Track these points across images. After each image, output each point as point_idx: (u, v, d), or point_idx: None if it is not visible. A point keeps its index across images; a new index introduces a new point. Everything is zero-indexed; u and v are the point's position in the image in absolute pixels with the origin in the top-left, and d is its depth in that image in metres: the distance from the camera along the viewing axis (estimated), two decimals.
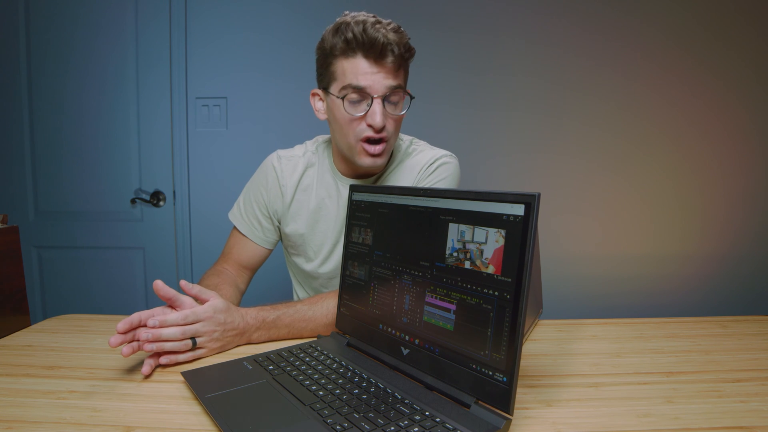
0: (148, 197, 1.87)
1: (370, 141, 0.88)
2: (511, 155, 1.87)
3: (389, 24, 0.84)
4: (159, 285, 0.71)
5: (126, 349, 0.68)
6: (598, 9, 1.81)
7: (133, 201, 1.87)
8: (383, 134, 0.87)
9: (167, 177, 1.87)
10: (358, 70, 0.84)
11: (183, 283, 0.75)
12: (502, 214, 0.56)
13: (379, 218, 0.75)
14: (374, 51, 0.82)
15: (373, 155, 0.89)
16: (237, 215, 1.06)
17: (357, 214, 0.79)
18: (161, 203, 1.88)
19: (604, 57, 1.82)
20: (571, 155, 1.87)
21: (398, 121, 0.90)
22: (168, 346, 0.70)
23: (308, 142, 1.06)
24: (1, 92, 1.84)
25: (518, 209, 0.54)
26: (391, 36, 0.82)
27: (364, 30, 0.81)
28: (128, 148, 1.87)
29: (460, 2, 1.81)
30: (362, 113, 0.86)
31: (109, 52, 1.82)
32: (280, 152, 1.05)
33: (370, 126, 0.86)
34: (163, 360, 0.71)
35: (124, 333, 0.68)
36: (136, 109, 1.85)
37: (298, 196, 1.01)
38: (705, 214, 1.89)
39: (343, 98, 0.86)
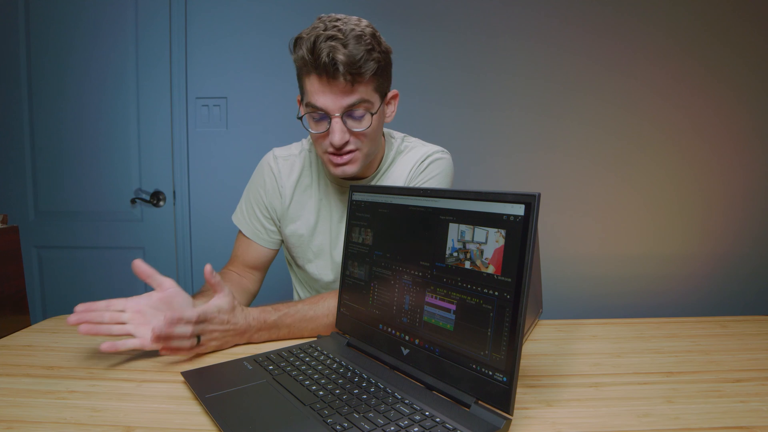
0: (148, 197, 1.87)
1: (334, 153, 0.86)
2: (511, 155, 1.87)
3: (350, 32, 0.77)
4: (138, 263, 0.75)
5: (83, 327, 0.70)
6: (598, 9, 1.81)
7: (133, 201, 1.87)
8: (348, 148, 0.85)
9: (167, 177, 1.87)
10: (314, 88, 0.81)
11: (208, 268, 0.75)
12: (502, 214, 0.56)
13: (379, 218, 0.75)
14: (323, 70, 0.78)
15: (338, 165, 0.87)
16: (241, 219, 1.05)
17: (357, 214, 0.79)
18: (161, 203, 1.88)
19: (604, 57, 1.82)
20: (571, 155, 1.87)
21: (367, 134, 0.85)
22: (175, 344, 0.71)
23: (305, 141, 1.05)
24: (1, 92, 1.84)
25: (518, 209, 0.54)
26: (340, 54, 0.76)
27: (312, 48, 0.77)
28: (128, 148, 1.86)
29: (459, 2, 1.81)
30: (324, 131, 0.84)
31: (109, 52, 1.82)
32: (276, 151, 1.03)
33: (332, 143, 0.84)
34: (164, 352, 0.71)
35: (83, 312, 0.71)
36: (136, 109, 1.85)
37: (296, 197, 1.00)
38: (705, 214, 1.89)
39: (305, 116, 0.85)
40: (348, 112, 0.82)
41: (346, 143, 0.84)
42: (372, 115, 0.84)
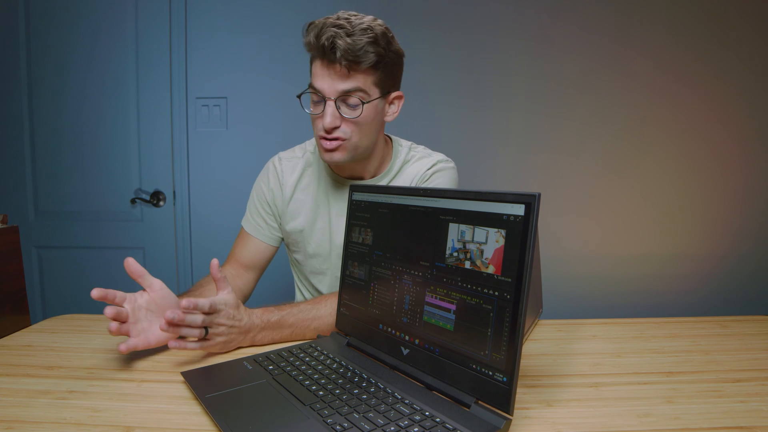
0: (148, 197, 1.87)
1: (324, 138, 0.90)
2: (511, 155, 1.87)
3: (358, 24, 0.82)
4: (131, 262, 0.74)
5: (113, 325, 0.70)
6: (598, 9, 1.81)
7: (133, 201, 1.87)
8: (336, 135, 0.88)
9: (167, 177, 1.87)
10: (316, 71, 0.86)
11: (215, 262, 0.76)
12: (503, 214, 0.56)
13: (379, 218, 0.75)
14: (324, 54, 0.83)
15: (327, 150, 0.89)
16: (245, 218, 1.09)
17: (357, 214, 0.79)
18: (161, 203, 1.88)
19: (604, 57, 1.82)
20: (571, 155, 1.86)
21: (359, 123, 0.87)
22: (184, 331, 0.71)
23: (307, 143, 1.09)
24: (1, 92, 1.84)
25: (518, 209, 0.54)
26: (340, 41, 0.80)
27: (318, 34, 0.82)
28: (128, 148, 1.86)
29: (460, 2, 1.81)
30: (318, 113, 0.88)
31: (109, 52, 1.82)
32: (281, 154, 1.08)
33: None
34: (173, 344, 0.71)
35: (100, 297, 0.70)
36: (136, 109, 1.85)
37: (297, 195, 1.03)
38: (705, 214, 1.89)
39: (306, 97, 0.89)
40: (343, 98, 0.85)
41: (336, 128, 0.87)
42: (363, 104, 0.86)
